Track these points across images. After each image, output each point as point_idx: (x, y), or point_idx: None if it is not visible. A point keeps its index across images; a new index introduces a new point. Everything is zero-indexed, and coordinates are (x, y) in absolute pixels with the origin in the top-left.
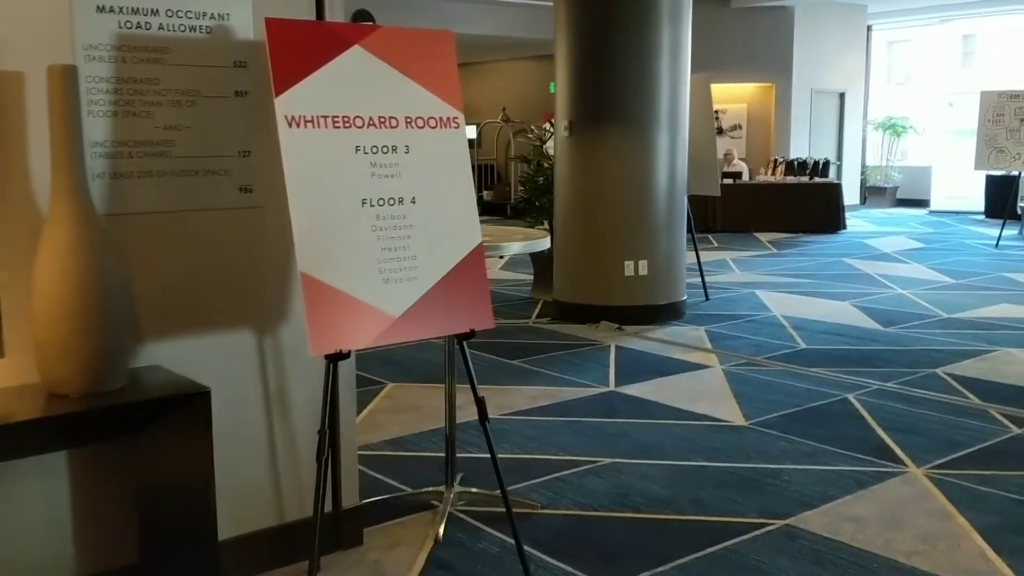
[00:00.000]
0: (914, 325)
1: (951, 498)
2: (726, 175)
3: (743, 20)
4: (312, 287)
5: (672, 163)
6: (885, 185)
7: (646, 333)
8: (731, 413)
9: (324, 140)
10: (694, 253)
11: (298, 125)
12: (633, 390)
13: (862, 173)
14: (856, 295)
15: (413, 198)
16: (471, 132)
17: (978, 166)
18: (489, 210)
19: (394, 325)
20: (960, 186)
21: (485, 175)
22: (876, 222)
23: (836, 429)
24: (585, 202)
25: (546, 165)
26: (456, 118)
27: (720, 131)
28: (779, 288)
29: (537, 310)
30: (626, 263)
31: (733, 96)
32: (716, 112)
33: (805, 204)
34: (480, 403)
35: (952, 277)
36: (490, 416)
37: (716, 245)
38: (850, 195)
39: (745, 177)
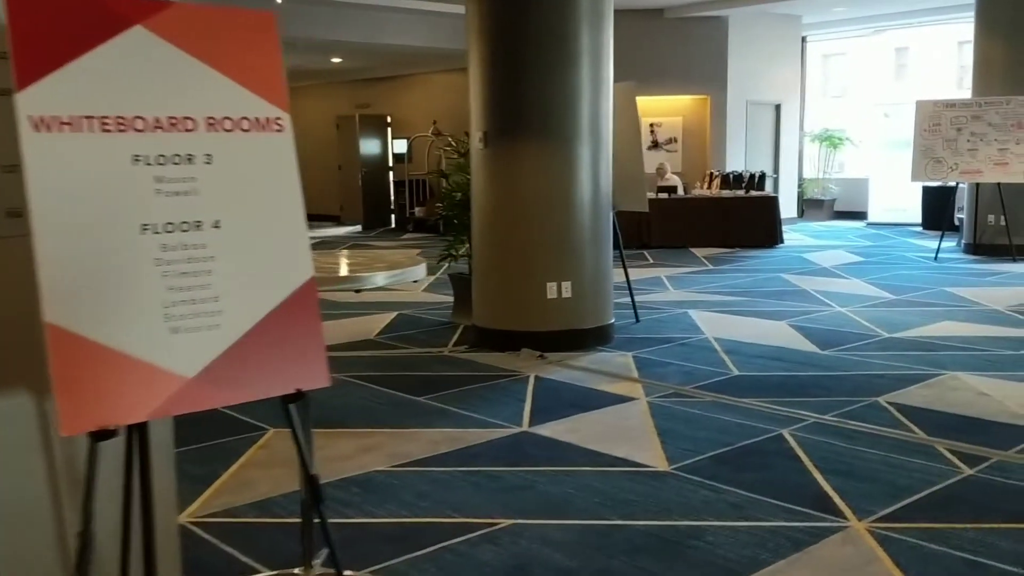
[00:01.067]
0: (854, 347)
1: (898, 560)
2: (660, 189)
3: (677, 31)
4: (64, 344)
5: (595, 177)
6: (823, 198)
7: (570, 361)
8: (653, 456)
9: (87, 148)
10: (623, 272)
11: (48, 128)
12: (548, 430)
13: (799, 186)
14: (793, 314)
15: (216, 222)
16: (401, 146)
17: (915, 177)
18: (420, 227)
19: (186, 389)
20: (898, 198)
21: (417, 191)
22: (814, 235)
23: (769, 473)
24: (502, 220)
25: (465, 180)
26: (279, 119)
27: (655, 144)
28: (713, 307)
29: (456, 337)
30: (548, 285)
31: (668, 108)
32: (651, 125)
33: (742, 218)
34: (312, 483)
35: (892, 292)
36: (381, 468)
37: (651, 262)
38: (788, 208)
39: (680, 191)
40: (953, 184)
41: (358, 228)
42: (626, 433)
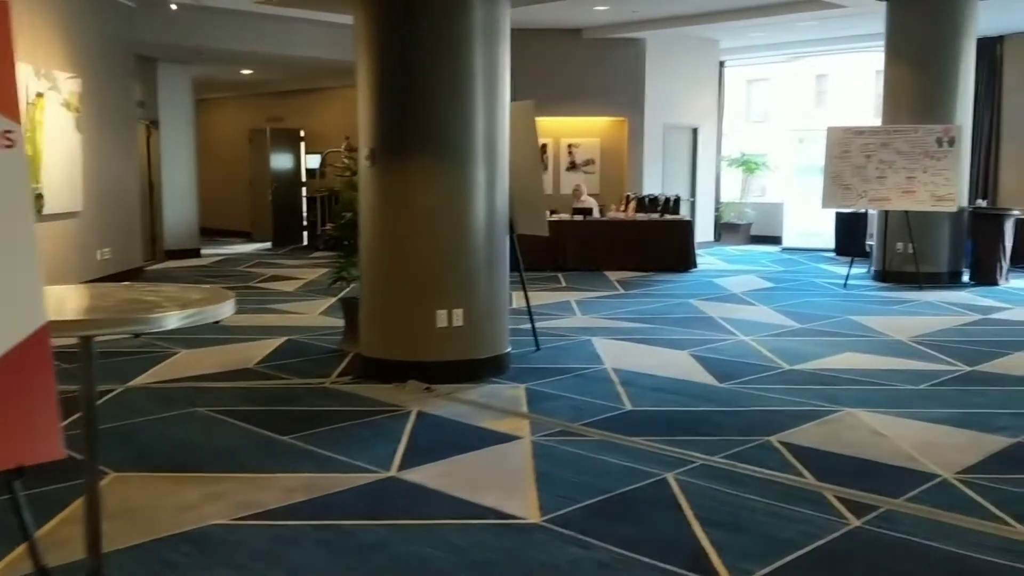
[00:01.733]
0: (753, 379)
1: None
2: (576, 211)
3: (595, 52)
4: None
5: (490, 198)
6: (739, 222)
7: (458, 394)
8: (525, 505)
9: None
10: (524, 298)
11: None
12: (418, 474)
13: (717, 210)
14: (696, 342)
15: None
16: (315, 161)
17: (826, 204)
18: (335, 246)
19: None
20: (812, 223)
21: (330, 207)
22: (729, 260)
23: (646, 525)
24: (390, 242)
25: (356, 199)
26: (9, 132)
27: (573, 166)
28: (618, 334)
29: (342, 366)
30: (438, 312)
31: (586, 130)
32: (569, 146)
33: (656, 242)
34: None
35: (798, 321)
36: (223, 521)
37: (563, 285)
38: (705, 232)
39: (596, 213)
40: (864, 211)
41: (268, 245)
42: (502, 478)
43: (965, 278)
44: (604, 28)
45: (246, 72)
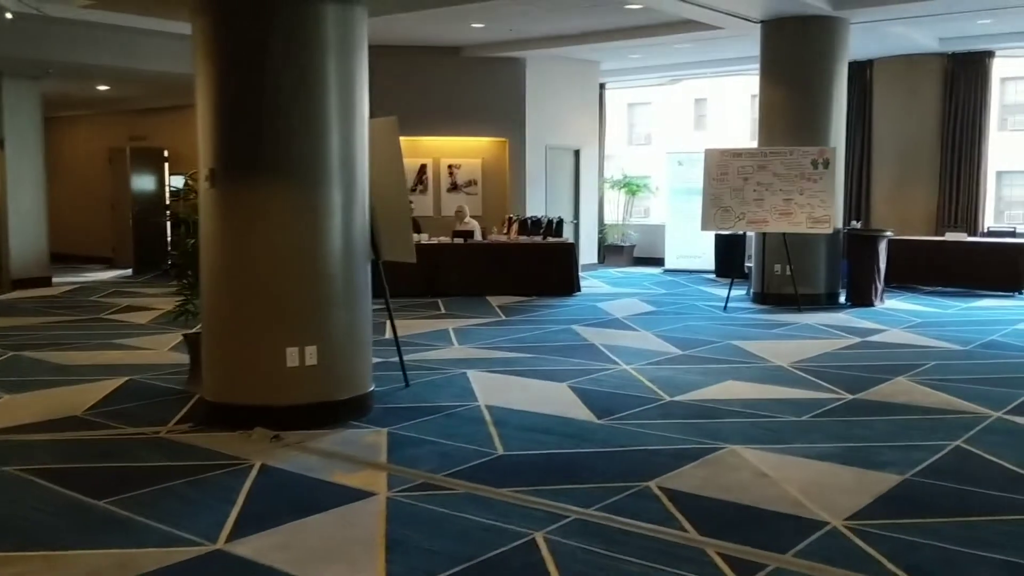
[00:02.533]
0: (632, 414)
1: None
2: (457, 234)
3: (475, 70)
4: None
5: (348, 223)
6: (623, 244)
7: (310, 442)
8: None
9: None
10: (391, 330)
11: None
12: (250, 547)
13: (600, 232)
14: (576, 373)
15: None
16: (179, 182)
17: (705, 226)
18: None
19: None
20: (693, 245)
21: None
22: (613, 282)
23: None
24: (234, 272)
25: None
26: None
27: (455, 187)
28: (495, 366)
29: (183, 411)
30: (288, 351)
31: (468, 150)
32: (450, 167)
33: (540, 265)
34: None
35: (679, 347)
36: None
37: (443, 312)
38: (589, 254)
39: (478, 236)
40: (742, 233)
41: (128, 272)
42: (347, 547)
43: (843, 299)
44: (483, 47)
45: (103, 88)
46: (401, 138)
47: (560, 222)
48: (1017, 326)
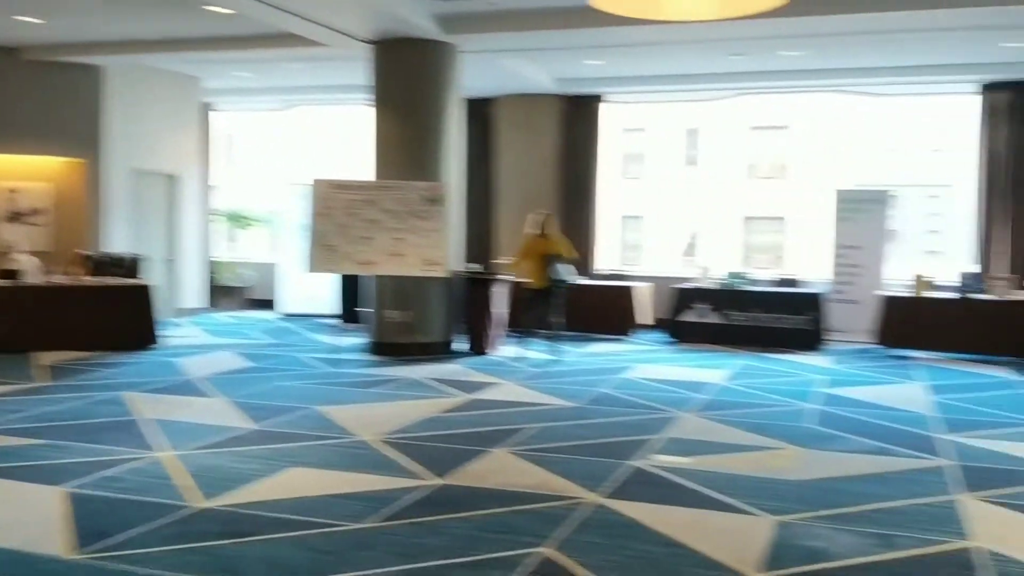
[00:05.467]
0: (131, 539)
1: None
2: (3, 274)
3: (40, 76)
4: None
5: None
6: (236, 284)
7: None
8: None
9: None
10: None
11: None
12: None
13: (211, 271)
14: (88, 468)
15: None
16: None
17: (312, 267)
18: None
19: None
20: (313, 286)
21: None
22: (214, 331)
23: None
24: None
25: None
26: None
27: (16, 216)
28: None
29: None
30: None
31: (35, 172)
32: (11, 191)
33: (108, 313)
34: None
35: (255, 418)
36: None
37: None
38: (194, 296)
39: (33, 277)
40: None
41: None
42: None
43: (466, 346)
44: (48, 48)
45: None
46: None
47: (135, 260)
48: (624, 374)
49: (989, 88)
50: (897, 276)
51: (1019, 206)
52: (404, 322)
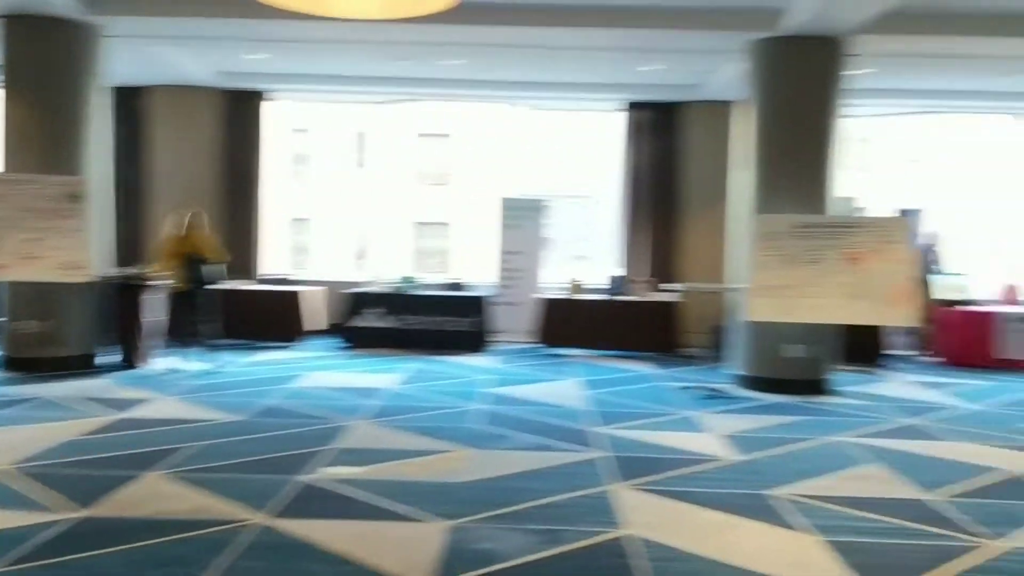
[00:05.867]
0: None
1: None
2: None
3: None
4: None
5: None
6: None
7: None
8: None
9: None
10: None
11: None
12: None
13: None
14: None
15: None
16: None
17: None
18: None
19: None
20: None
21: None
22: None
23: None
24: None
25: None
26: None
27: None
28: None
29: None
30: None
31: None
32: None
33: None
34: None
35: None
36: None
37: None
38: None
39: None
40: None
41: None
42: None
43: (117, 359)
44: None
45: None
46: None
47: None
48: (293, 383)
49: (633, 106)
50: (553, 280)
51: (658, 215)
52: (43, 333)
